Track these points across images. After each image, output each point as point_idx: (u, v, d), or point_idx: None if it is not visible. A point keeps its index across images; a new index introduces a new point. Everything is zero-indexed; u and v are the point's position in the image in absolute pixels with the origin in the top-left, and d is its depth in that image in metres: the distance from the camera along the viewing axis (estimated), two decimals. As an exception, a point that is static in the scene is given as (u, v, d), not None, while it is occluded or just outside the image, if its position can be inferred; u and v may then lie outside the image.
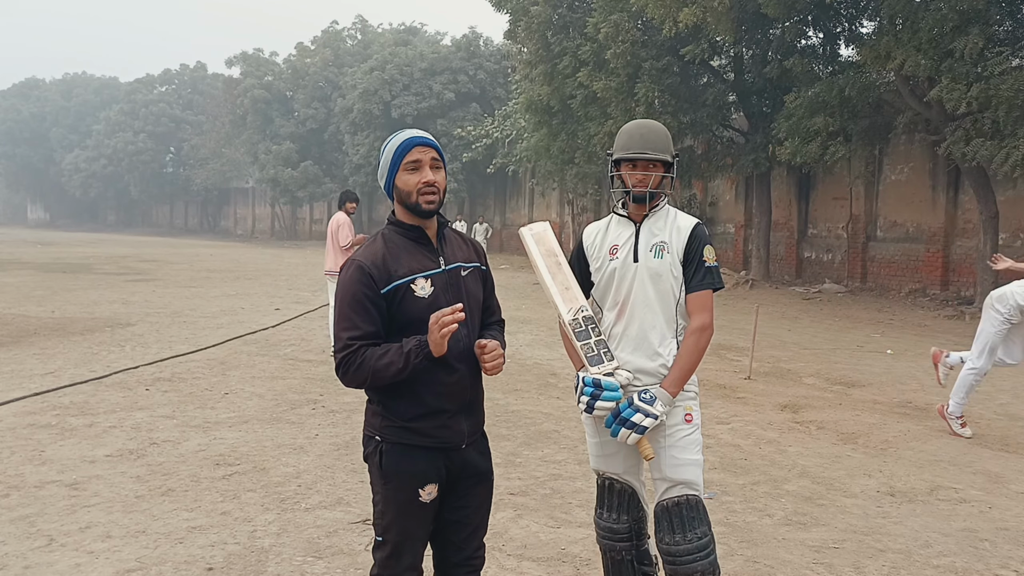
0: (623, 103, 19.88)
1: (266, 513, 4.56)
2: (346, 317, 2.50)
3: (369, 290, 2.48)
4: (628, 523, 3.07)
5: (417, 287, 2.53)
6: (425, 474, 2.55)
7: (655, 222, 3.08)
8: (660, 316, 3.01)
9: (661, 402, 2.92)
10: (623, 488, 3.08)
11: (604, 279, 3.09)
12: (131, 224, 72.84)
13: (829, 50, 18.70)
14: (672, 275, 3.01)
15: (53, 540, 4.12)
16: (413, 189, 2.54)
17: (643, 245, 3.05)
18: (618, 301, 3.06)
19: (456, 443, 2.60)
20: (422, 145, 2.56)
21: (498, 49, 39.10)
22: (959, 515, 4.85)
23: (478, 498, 2.71)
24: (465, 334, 2.59)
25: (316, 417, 6.78)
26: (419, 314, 2.51)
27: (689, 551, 2.91)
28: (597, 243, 3.15)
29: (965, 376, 6.80)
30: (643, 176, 3.01)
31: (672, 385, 2.96)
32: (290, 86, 48.61)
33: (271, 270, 24.60)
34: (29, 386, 7.62)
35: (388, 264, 2.52)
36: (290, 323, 12.62)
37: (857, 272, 20.31)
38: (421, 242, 2.61)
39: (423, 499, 2.55)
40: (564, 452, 5.93)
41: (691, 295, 3.03)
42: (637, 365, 3.00)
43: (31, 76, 79.71)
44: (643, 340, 3.01)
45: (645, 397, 2.91)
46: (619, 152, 3.06)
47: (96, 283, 18.47)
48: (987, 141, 13.65)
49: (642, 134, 3.05)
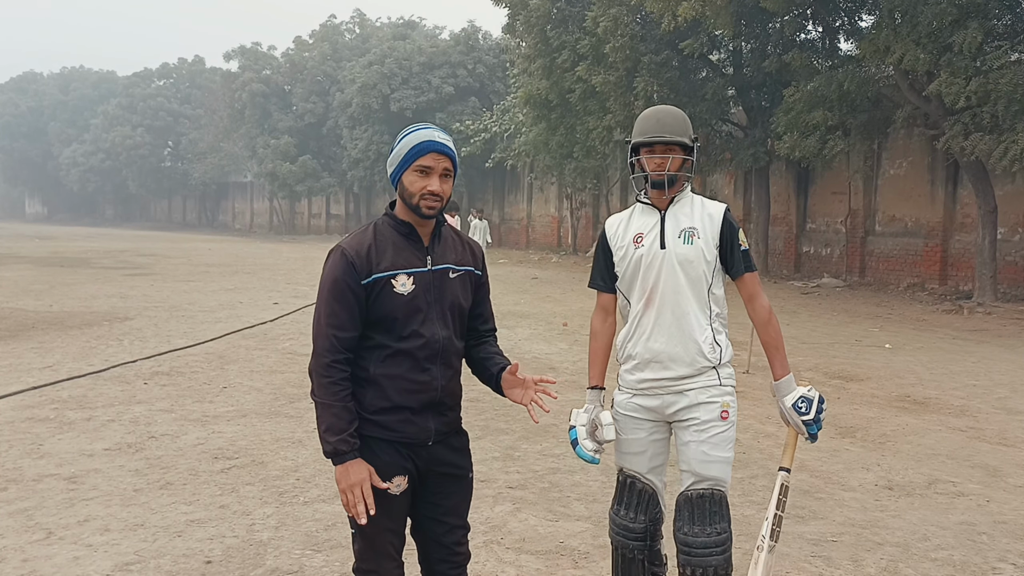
0: (622, 97, 19.87)
1: (264, 506, 4.56)
2: (331, 309, 2.49)
3: (350, 279, 2.48)
4: (645, 523, 3.02)
5: (397, 283, 2.50)
6: (389, 466, 2.52)
7: (680, 208, 3.02)
8: (693, 303, 2.96)
9: (803, 389, 2.98)
10: (644, 488, 3.03)
11: (630, 268, 3.03)
12: (129, 218, 72.77)
13: (828, 44, 18.67)
14: (705, 260, 2.95)
15: (52, 533, 4.12)
16: (417, 193, 2.51)
17: (670, 232, 2.98)
18: (646, 289, 2.99)
19: (421, 439, 2.56)
20: (438, 152, 2.53)
21: (497, 43, 39.02)
22: (957, 508, 4.85)
23: (453, 495, 2.67)
24: (445, 336, 2.57)
25: (314, 411, 6.77)
26: (394, 311, 2.49)
27: (706, 544, 2.88)
28: (620, 232, 3.09)
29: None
30: (661, 160, 2.95)
31: (783, 368, 3.00)
32: (288, 80, 48.55)
33: (269, 264, 24.58)
34: (27, 380, 7.61)
35: (371, 256, 2.50)
36: (288, 317, 12.61)
37: (856, 266, 20.32)
38: (411, 239, 2.57)
39: (392, 491, 2.52)
40: (563, 446, 5.93)
41: (740, 280, 3.03)
42: (671, 354, 2.95)
43: (28, 70, 79.55)
44: (677, 328, 2.95)
45: (803, 406, 2.95)
46: (636, 137, 3.01)
47: (94, 277, 18.45)
48: (986, 135, 13.65)
49: (658, 118, 3.00)
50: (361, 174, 42.43)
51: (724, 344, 3.01)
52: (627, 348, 3.07)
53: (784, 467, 3.00)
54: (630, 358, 3.06)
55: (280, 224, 55.80)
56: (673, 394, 2.97)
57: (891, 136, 18.86)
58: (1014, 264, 16.60)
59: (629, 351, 3.06)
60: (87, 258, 24.97)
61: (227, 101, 50.45)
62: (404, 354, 2.52)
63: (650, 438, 3.03)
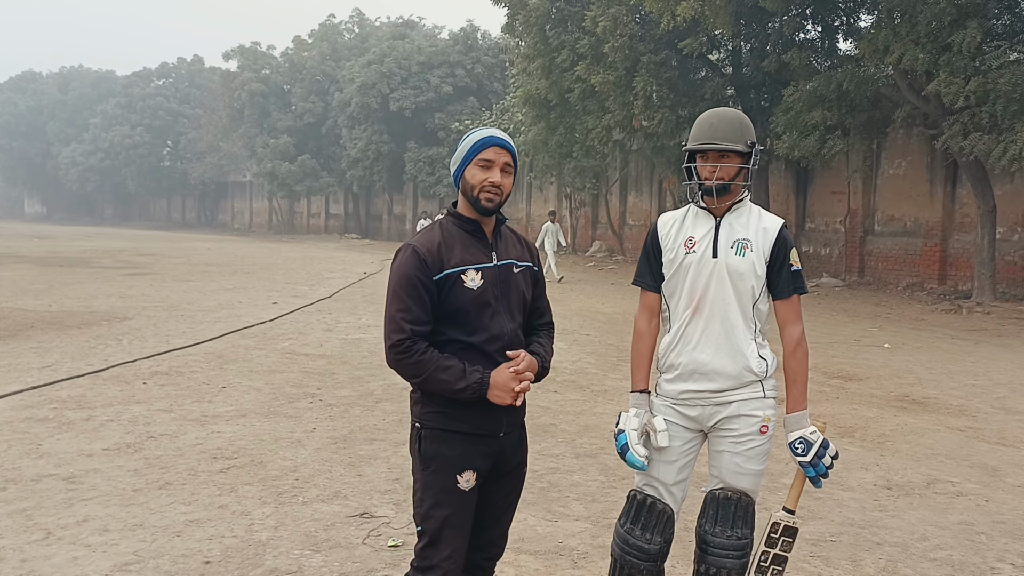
0: (621, 97, 19.88)
1: (263, 506, 4.56)
2: (401, 300, 2.54)
3: (423, 275, 2.54)
4: (660, 544, 2.92)
5: (467, 278, 2.58)
6: (463, 459, 2.58)
7: (737, 217, 2.93)
8: (740, 316, 2.89)
9: (807, 430, 2.88)
10: (664, 509, 2.93)
11: (678, 273, 2.94)
12: (128, 218, 72.75)
13: (827, 44, 18.71)
14: (755, 274, 2.88)
15: (50, 533, 4.12)
16: (478, 184, 2.59)
17: (723, 241, 2.89)
18: (694, 298, 2.90)
19: (494, 431, 2.63)
20: (500, 147, 2.62)
21: (496, 43, 39.05)
22: (956, 508, 4.86)
23: (508, 486, 2.75)
24: (512, 329, 2.65)
25: (313, 411, 6.78)
26: (466, 305, 2.57)
27: (724, 546, 2.85)
28: (672, 234, 2.98)
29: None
30: (713, 167, 2.85)
31: (797, 403, 2.92)
32: (287, 80, 48.55)
33: (268, 264, 24.57)
34: (26, 380, 7.60)
35: (442, 252, 2.57)
36: (288, 317, 12.61)
37: (855, 266, 20.33)
38: (476, 235, 2.66)
39: (461, 485, 2.57)
40: (562, 446, 5.93)
41: (781, 302, 2.94)
42: (717, 367, 2.87)
43: (27, 69, 79.60)
44: (726, 340, 2.88)
45: (799, 448, 2.86)
46: (690, 143, 2.92)
47: (93, 277, 18.44)
48: (985, 135, 13.66)
49: (712, 123, 2.89)
50: (360, 174, 42.42)
51: (770, 357, 2.94)
52: (670, 357, 2.97)
53: (787, 508, 2.90)
54: (672, 367, 2.96)
55: (279, 224, 55.80)
56: (715, 405, 2.90)
57: (890, 136, 18.87)
58: (1013, 264, 16.61)
59: (672, 360, 2.96)
60: (86, 258, 24.96)
61: (226, 101, 50.47)
62: (475, 348, 2.58)
63: (684, 447, 2.94)
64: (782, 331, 2.98)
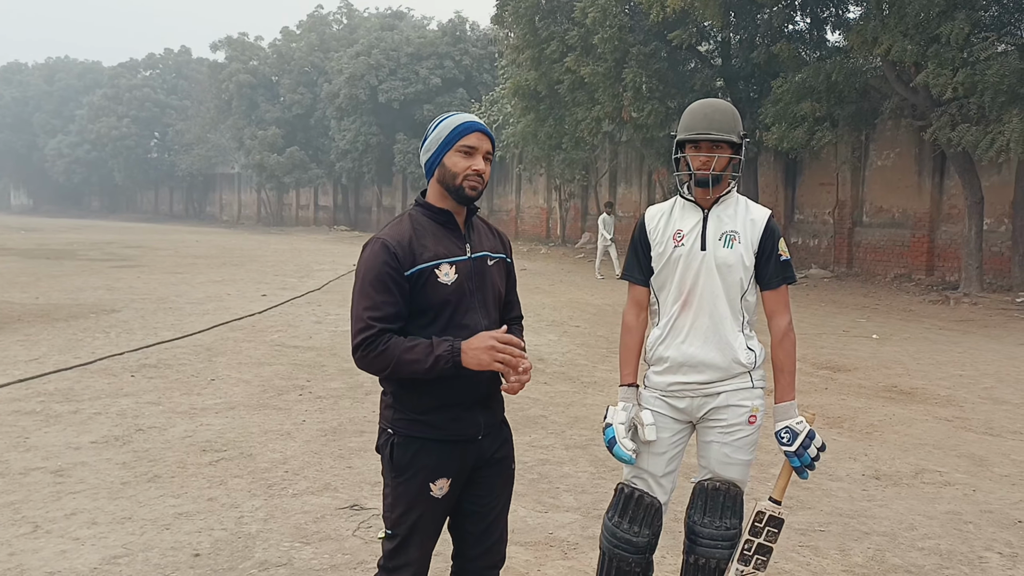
0: (610, 88, 19.85)
1: (253, 499, 4.55)
2: (367, 296, 2.39)
3: (393, 270, 2.39)
4: (648, 537, 2.93)
5: (441, 272, 2.44)
6: (437, 468, 2.46)
7: (724, 209, 2.93)
8: (728, 308, 2.89)
9: (794, 419, 2.87)
10: (651, 502, 2.93)
11: (667, 266, 2.94)
12: (115, 210, 72.26)
13: (816, 35, 18.70)
14: (743, 266, 2.88)
15: (38, 527, 4.10)
16: (461, 172, 2.45)
17: (711, 233, 2.89)
18: (683, 291, 2.91)
19: (471, 435, 2.50)
20: (482, 133, 2.49)
21: (484, 34, 38.92)
22: (944, 498, 4.89)
23: (496, 487, 2.62)
24: (486, 325, 2.50)
25: (303, 403, 6.77)
26: (439, 300, 2.43)
27: (712, 536, 2.86)
28: (660, 227, 2.98)
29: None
30: (706, 158, 2.84)
31: (786, 393, 2.92)
32: (275, 71, 48.25)
33: (257, 256, 24.48)
34: (13, 372, 7.56)
35: (414, 246, 2.43)
36: (277, 309, 12.57)
37: (843, 257, 20.40)
38: (449, 227, 2.52)
39: (434, 494, 2.46)
40: (551, 437, 5.94)
41: (769, 292, 2.94)
42: (706, 359, 2.88)
43: (13, 60, 78.95)
44: (714, 333, 2.88)
45: (785, 437, 2.85)
46: (682, 133, 2.90)
47: (80, 269, 18.33)
48: (973, 126, 13.71)
49: (705, 113, 2.88)
50: (349, 165, 42.26)
51: (758, 348, 2.95)
52: (659, 350, 2.97)
53: (773, 498, 2.89)
54: (661, 360, 2.96)
55: (268, 216, 55.55)
56: (704, 396, 2.91)
57: (879, 127, 18.91)
58: (1000, 255, 16.69)
59: (661, 353, 2.96)
60: (73, 250, 24.80)
61: (214, 92, 50.13)
62: None
63: (672, 439, 2.95)
64: (770, 321, 2.98)
